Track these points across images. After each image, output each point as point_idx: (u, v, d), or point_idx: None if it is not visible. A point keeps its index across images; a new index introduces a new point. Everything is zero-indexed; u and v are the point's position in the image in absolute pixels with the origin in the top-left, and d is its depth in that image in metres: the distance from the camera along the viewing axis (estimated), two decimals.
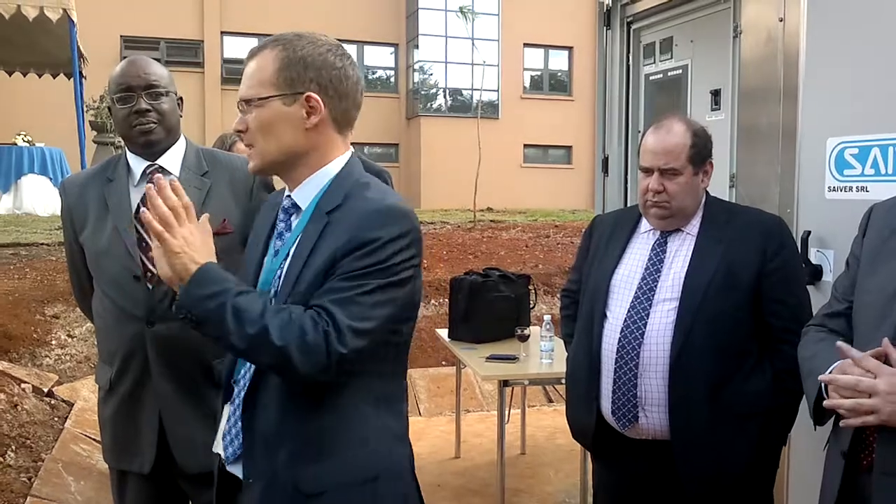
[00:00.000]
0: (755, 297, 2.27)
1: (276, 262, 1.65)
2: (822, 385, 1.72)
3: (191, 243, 1.53)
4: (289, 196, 1.69)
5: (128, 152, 2.40)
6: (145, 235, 2.31)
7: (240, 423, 1.64)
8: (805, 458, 2.55)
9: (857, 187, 2.53)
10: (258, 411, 1.61)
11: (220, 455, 1.72)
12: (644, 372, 2.28)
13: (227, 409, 1.72)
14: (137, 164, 2.37)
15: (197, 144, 2.51)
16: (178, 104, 2.43)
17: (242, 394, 1.64)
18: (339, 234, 1.54)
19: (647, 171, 2.33)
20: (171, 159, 2.39)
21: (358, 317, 1.50)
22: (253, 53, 1.66)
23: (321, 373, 1.49)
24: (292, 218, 1.69)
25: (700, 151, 2.31)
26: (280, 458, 1.57)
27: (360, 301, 1.50)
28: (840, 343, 1.68)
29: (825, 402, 1.68)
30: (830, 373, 1.70)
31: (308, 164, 1.64)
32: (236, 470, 1.66)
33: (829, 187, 2.62)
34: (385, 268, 1.52)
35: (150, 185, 1.54)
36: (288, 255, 1.64)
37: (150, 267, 2.29)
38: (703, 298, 2.24)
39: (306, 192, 1.66)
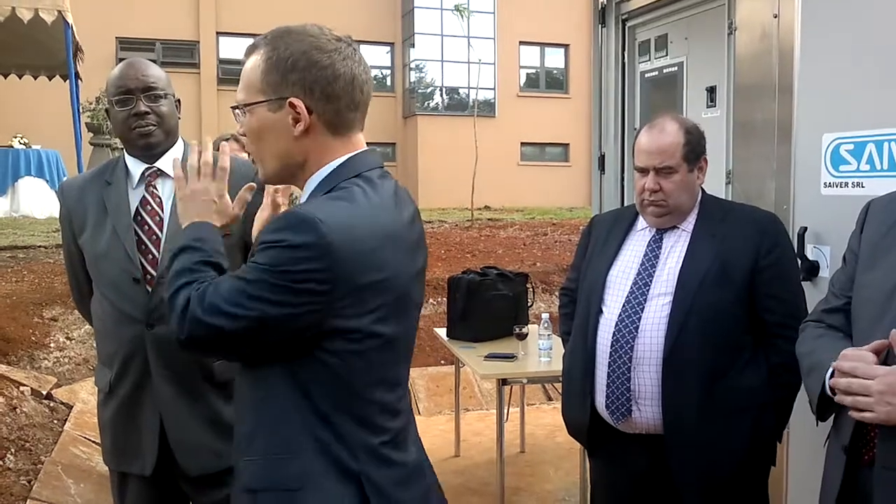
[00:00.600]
0: (749, 293, 2.28)
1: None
2: (825, 380, 1.72)
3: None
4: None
5: (126, 155, 2.40)
6: (144, 238, 2.32)
7: None
8: (804, 453, 2.56)
9: (852, 183, 2.54)
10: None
11: None
12: (637, 365, 2.30)
13: None
14: (136, 167, 2.37)
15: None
16: (177, 106, 2.43)
17: None
18: None
19: (643, 171, 2.34)
20: (170, 162, 2.39)
21: (227, 298, 1.42)
22: (247, 53, 1.61)
23: (176, 332, 1.49)
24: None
25: (694, 148, 2.33)
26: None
27: (240, 286, 1.43)
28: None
29: (833, 386, 1.68)
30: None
31: (308, 171, 1.57)
32: None
33: (824, 183, 2.62)
34: (278, 271, 1.41)
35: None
36: None
37: (150, 269, 2.29)
38: (697, 293, 2.25)
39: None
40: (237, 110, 1.57)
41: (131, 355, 2.30)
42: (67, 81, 8.37)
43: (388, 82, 23.72)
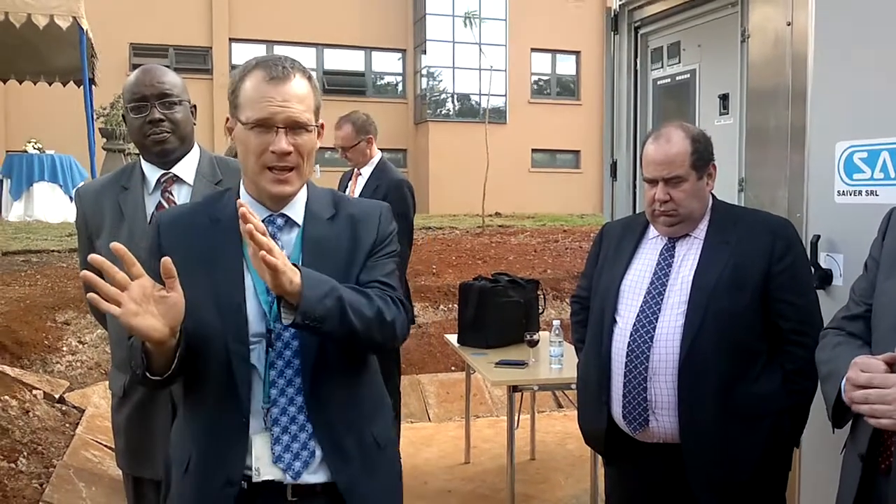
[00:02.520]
0: (763, 299, 2.27)
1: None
2: (841, 387, 1.72)
3: (284, 259, 1.58)
4: (282, 214, 1.77)
5: (142, 161, 2.42)
6: None
7: (307, 433, 1.73)
8: (817, 460, 2.55)
9: (866, 191, 2.53)
10: (328, 410, 1.74)
11: (273, 478, 1.72)
12: (654, 375, 2.29)
13: (262, 437, 1.71)
14: (152, 173, 2.39)
15: (210, 152, 2.53)
16: (192, 112, 2.44)
17: (295, 407, 1.72)
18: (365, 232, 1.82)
19: (652, 182, 2.34)
20: (186, 168, 2.41)
21: (398, 293, 1.80)
22: (288, 75, 1.69)
23: (403, 335, 1.82)
24: (281, 234, 1.77)
25: (702, 156, 2.32)
26: (361, 435, 1.79)
27: (394, 278, 1.82)
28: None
29: (846, 397, 1.67)
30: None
31: None
32: (315, 478, 1.73)
33: (838, 191, 2.61)
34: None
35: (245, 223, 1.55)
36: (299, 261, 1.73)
37: None
38: (711, 300, 2.25)
39: (297, 208, 1.79)
40: (300, 128, 1.71)
41: None
42: (81, 87, 8.43)
43: (400, 89, 23.77)
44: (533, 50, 23.36)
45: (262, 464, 1.71)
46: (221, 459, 1.71)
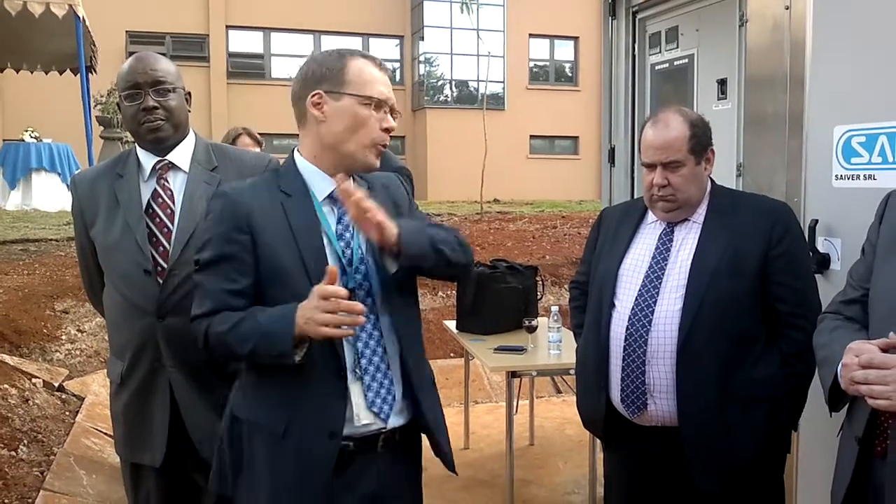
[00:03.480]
0: (761, 283, 2.28)
1: (354, 239, 1.93)
2: (838, 371, 1.72)
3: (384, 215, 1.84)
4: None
5: (138, 148, 2.41)
6: (155, 230, 2.33)
7: (389, 379, 1.94)
8: (815, 443, 2.56)
9: (864, 175, 2.53)
10: (402, 356, 1.96)
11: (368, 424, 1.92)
12: (652, 359, 2.30)
13: (356, 387, 1.90)
14: (147, 160, 2.39)
15: (206, 139, 2.52)
16: (187, 99, 2.44)
17: (378, 357, 1.93)
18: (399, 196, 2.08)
19: (650, 167, 2.34)
20: (181, 155, 2.40)
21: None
22: (385, 69, 1.97)
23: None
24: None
25: (700, 140, 2.32)
26: (424, 373, 2.05)
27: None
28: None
29: (843, 382, 1.68)
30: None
31: None
32: (397, 420, 1.96)
33: (836, 175, 2.61)
34: None
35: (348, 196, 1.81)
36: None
37: (161, 261, 2.31)
38: (710, 284, 2.25)
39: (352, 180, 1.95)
40: (394, 110, 1.96)
41: (142, 347, 2.32)
42: (78, 75, 8.40)
43: (398, 75, 23.70)
44: (531, 36, 23.29)
45: (361, 409, 1.90)
46: (323, 414, 1.86)
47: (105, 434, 4.33)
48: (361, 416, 1.89)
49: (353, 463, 1.90)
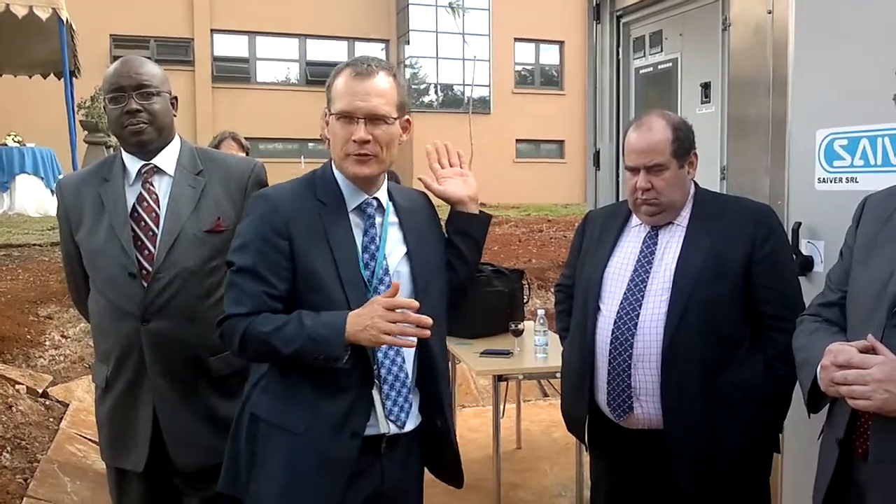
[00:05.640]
0: (745, 285, 2.29)
1: (380, 252, 1.99)
2: (817, 373, 1.73)
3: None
4: (375, 198, 2.02)
5: (123, 152, 2.41)
6: (140, 234, 2.32)
7: (407, 388, 2.00)
8: (800, 446, 2.57)
9: (846, 178, 2.55)
10: (423, 365, 2.04)
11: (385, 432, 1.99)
12: (638, 362, 2.30)
13: (376, 393, 1.96)
14: (133, 164, 2.38)
15: (191, 143, 2.52)
16: (173, 104, 2.43)
17: (397, 366, 1.99)
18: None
19: (634, 170, 2.35)
20: (167, 159, 2.40)
21: None
22: (372, 73, 1.93)
23: None
24: (376, 215, 2.02)
25: (683, 144, 2.33)
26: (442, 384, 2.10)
27: None
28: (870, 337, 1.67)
29: (823, 384, 1.69)
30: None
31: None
32: (410, 425, 2.03)
33: (818, 178, 2.63)
34: None
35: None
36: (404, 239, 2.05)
37: (146, 264, 2.30)
38: (694, 287, 2.26)
39: (383, 193, 2.05)
40: (380, 120, 1.94)
41: (127, 351, 2.31)
42: (62, 80, 8.36)
43: None
44: (516, 40, 23.34)
45: (379, 417, 1.96)
46: (347, 416, 1.92)
47: (89, 440, 4.30)
48: (380, 424, 1.97)
49: (358, 462, 1.93)
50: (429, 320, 1.85)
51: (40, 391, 4.70)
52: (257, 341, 1.87)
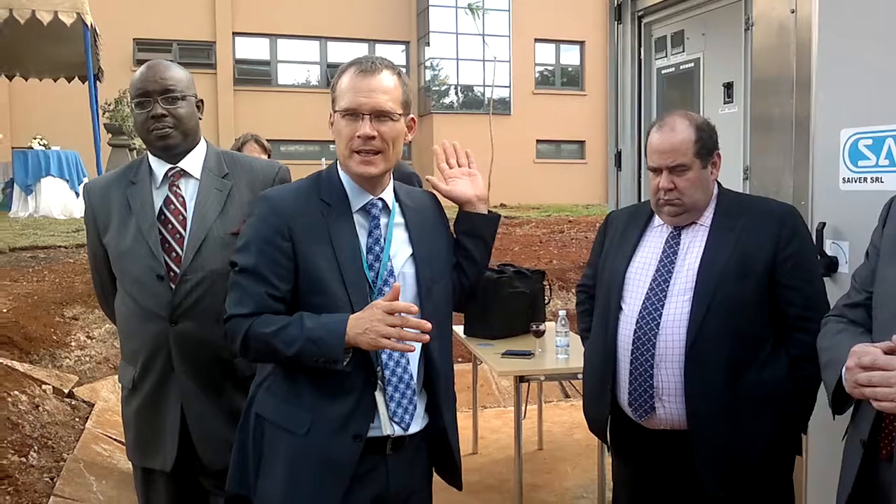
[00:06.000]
0: (769, 285, 2.28)
1: (384, 253, 1.98)
2: (842, 375, 1.72)
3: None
4: (380, 198, 2.01)
5: (150, 155, 2.44)
6: (168, 236, 2.35)
7: (412, 389, 1.99)
8: (824, 446, 2.56)
9: (871, 178, 2.53)
10: (428, 367, 2.03)
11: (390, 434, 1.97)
12: (660, 362, 2.30)
13: (379, 395, 1.95)
14: (160, 167, 2.41)
15: (217, 147, 2.54)
16: (198, 107, 2.45)
17: (401, 368, 1.98)
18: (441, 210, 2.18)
19: (656, 171, 2.34)
20: (193, 162, 2.43)
21: None
22: (376, 70, 1.92)
23: None
24: (381, 216, 2.00)
25: (706, 144, 2.32)
26: (449, 386, 2.12)
27: None
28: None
29: (847, 386, 1.68)
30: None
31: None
32: (415, 427, 2.01)
33: (843, 178, 2.61)
34: None
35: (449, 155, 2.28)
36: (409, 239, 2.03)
37: (174, 266, 2.32)
38: (717, 287, 2.25)
39: (388, 193, 2.03)
40: (385, 117, 1.93)
41: (155, 352, 2.34)
42: (86, 83, 8.45)
43: None
44: (537, 40, 23.32)
45: (383, 420, 1.95)
46: (349, 418, 1.90)
47: (115, 440, 4.35)
48: (384, 426, 1.95)
49: (361, 464, 1.92)
50: (428, 325, 1.83)
51: (66, 391, 4.76)
52: (259, 342, 1.88)
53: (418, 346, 1.95)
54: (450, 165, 2.24)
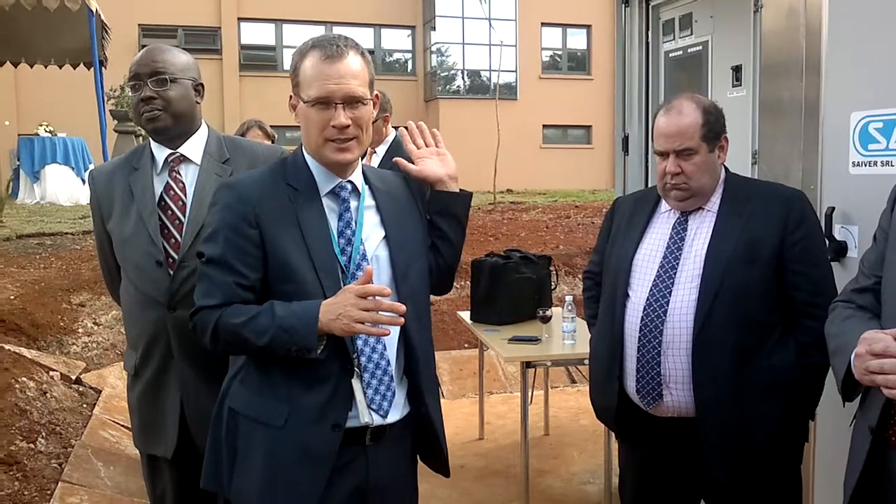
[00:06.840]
0: (777, 271, 2.26)
1: (356, 237, 1.92)
2: (851, 361, 1.71)
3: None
4: (349, 181, 1.96)
5: (152, 141, 2.43)
6: (167, 222, 2.34)
7: (389, 376, 1.94)
8: (832, 433, 2.55)
9: (881, 162, 2.50)
10: (407, 353, 1.98)
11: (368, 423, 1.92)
12: (667, 349, 2.28)
13: (356, 383, 1.90)
14: (160, 153, 2.40)
15: (218, 132, 2.53)
16: (198, 91, 2.44)
17: (377, 354, 1.92)
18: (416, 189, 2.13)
19: (663, 155, 2.32)
20: (193, 147, 2.42)
21: None
22: (342, 54, 1.85)
23: None
24: (351, 199, 1.95)
25: (713, 128, 2.30)
26: (431, 373, 2.06)
27: None
28: None
29: (857, 373, 1.66)
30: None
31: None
32: (395, 415, 1.96)
33: (853, 162, 2.59)
34: None
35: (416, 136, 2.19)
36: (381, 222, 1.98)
37: (172, 253, 2.32)
38: (725, 273, 2.23)
39: (357, 176, 1.98)
40: (358, 102, 1.87)
41: (155, 338, 2.34)
42: (91, 69, 8.43)
43: (410, 66, 23.67)
44: (543, 24, 23.20)
45: (361, 408, 1.90)
46: (327, 407, 1.86)
47: (122, 426, 4.37)
48: (362, 414, 1.90)
49: (340, 456, 1.88)
50: (402, 307, 1.79)
51: (74, 378, 4.77)
52: (229, 333, 1.82)
53: (396, 330, 1.91)
54: (417, 146, 2.18)
